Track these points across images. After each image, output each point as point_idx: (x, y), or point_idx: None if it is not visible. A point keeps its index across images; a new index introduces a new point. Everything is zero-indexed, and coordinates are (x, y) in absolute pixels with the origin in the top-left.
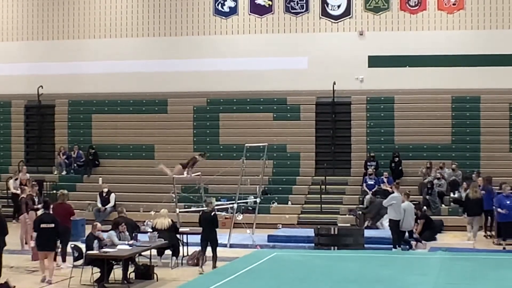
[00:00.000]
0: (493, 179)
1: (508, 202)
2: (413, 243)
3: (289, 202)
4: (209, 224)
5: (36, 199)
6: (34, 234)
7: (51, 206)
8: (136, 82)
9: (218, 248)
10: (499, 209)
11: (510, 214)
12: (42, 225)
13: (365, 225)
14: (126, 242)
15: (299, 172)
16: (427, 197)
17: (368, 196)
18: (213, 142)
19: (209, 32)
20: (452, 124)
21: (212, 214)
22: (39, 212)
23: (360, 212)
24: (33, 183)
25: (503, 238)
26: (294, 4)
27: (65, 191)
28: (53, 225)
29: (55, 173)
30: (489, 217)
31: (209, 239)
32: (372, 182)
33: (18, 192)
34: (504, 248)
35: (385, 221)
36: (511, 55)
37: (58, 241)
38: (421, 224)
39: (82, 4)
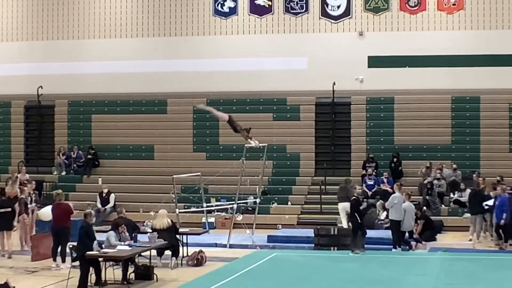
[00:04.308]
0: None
1: (490, 203)
2: (413, 243)
3: (289, 203)
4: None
5: (33, 197)
6: None
7: (51, 207)
8: (136, 82)
9: (217, 249)
10: None
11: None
12: (0, 210)
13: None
14: (124, 243)
15: (299, 173)
16: (427, 197)
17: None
18: (213, 142)
19: (209, 33)
20: (452, 124)
21: (351, 199)
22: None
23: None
24: (28, 179)
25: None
26: (294, 4)
27: (60, 191)
28: (10, 209)
29: (55, 173)
30: None
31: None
32: (372, 182)
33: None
34: (500, 248)
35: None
36: (511, 55)
37: (15, 223)
38: (421, 225)
39: (81, 4)
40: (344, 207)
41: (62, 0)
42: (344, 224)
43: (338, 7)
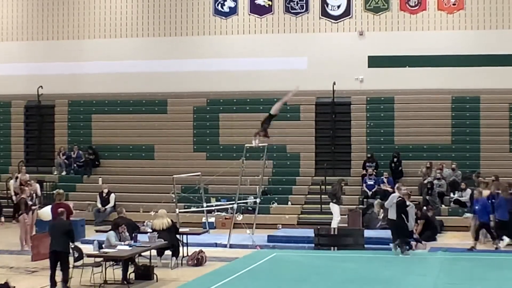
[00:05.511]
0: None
1: (476, 207)
2: (413, 243)
3: (289, 203)
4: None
5: (34, 197)
6: None
7: (50, 207)
8: (136, 82)
9: (217, 249)
10: None
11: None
12: None
13: None
14: (124, 243)
15: (299, 172)
16: (427, 197)
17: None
18: (213, 142)
19: (209, 32)
20: (452, 124)
21: (397, 199)
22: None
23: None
24: (28, 180)
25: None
26: (294, 4)
27: (61, 191)
28: None
29: (55, 173)
30: None
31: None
32: (372, 182)
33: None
34: (496, 248)
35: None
36: (511, 55)
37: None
38: (421, 225)
39: (81, 4)
40: (331, 206)
41: (62, 0)
42: (332, 223)
43: (338, 7)
